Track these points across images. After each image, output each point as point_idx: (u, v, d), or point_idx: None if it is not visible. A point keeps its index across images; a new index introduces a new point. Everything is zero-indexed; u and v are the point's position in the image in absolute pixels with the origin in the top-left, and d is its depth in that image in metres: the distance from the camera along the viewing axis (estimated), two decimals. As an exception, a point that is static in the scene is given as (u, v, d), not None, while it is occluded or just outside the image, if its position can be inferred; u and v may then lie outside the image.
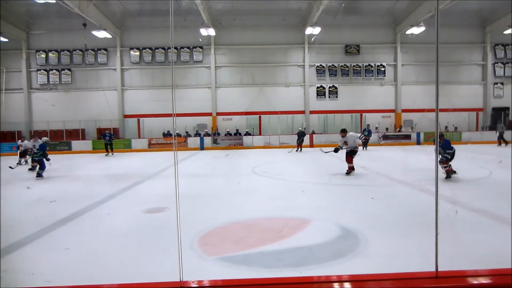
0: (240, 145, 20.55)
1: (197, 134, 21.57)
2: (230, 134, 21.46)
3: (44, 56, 22.02)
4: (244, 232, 4.60)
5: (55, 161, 11.73)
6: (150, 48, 22.08)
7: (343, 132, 9.28)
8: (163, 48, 22.10)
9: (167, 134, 21.35)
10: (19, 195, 7.71)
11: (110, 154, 17.99)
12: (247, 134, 21.46)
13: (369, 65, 22.59)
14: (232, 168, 11.89)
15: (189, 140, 20.56)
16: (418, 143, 20.55)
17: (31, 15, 20.93)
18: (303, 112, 22.56)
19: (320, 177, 8.92)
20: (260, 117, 22.40)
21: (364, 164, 10.00)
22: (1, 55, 21.53)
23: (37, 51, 22.00)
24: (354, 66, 22.56)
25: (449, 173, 8.00)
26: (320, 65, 22.55)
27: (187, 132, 21.56)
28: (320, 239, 4.18)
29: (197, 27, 19.03)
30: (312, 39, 20.91)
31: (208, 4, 18.58)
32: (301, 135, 17.50)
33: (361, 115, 22.20)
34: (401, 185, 7.54)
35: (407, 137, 20.95)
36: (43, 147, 10.41)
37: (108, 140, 17.99)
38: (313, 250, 3.83)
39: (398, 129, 22.12)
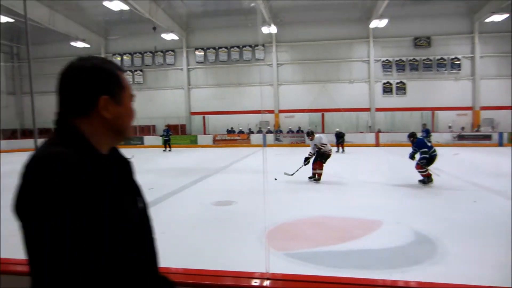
0: (302, 143, 20.42)
1: (259, 131, 21.91)
2: (292, 132, 21.43)
3: (120, 59, 24.00)
4: (311, 230, 4.61)
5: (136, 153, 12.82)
6: (214, 48, 22.90)
7: (311, 135, 8.38)
8: (226, 48, 22.76)
9: (230, 131, 22.01)
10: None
11: (167, 149, 18.09)
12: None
13: (442, 58, 20.89)
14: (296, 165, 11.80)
15: (252, 137, 20.98)
16: (501, 144, 18.40)
17: (108, 23, 22.99)
18: (368, 109, 21.65)
19: (388, 178, 8.51)
20: (323, 114, 21.97)
21: (436, 165, 9.34)
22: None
23: (113, 54, 24.06)
24: (424, 60, 21.05)
25: (425, 178, 7.38)
26: (387, 60, 21.42)
27: (249, 129, 22.01)
28: (391, 242, 4.03)
29: (259, 26, 19.27)
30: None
31: (269, 2, 18.71)
32: (339, 135, 16.89)
33: (433, 112, 20.59)
34: (479, 189, 6.91)
35: (487, 137, 18.90)
36: None
37: (167, 135, 18.25)
38: (385, 254, 3.71)
39: (476, 128, 20.11)
